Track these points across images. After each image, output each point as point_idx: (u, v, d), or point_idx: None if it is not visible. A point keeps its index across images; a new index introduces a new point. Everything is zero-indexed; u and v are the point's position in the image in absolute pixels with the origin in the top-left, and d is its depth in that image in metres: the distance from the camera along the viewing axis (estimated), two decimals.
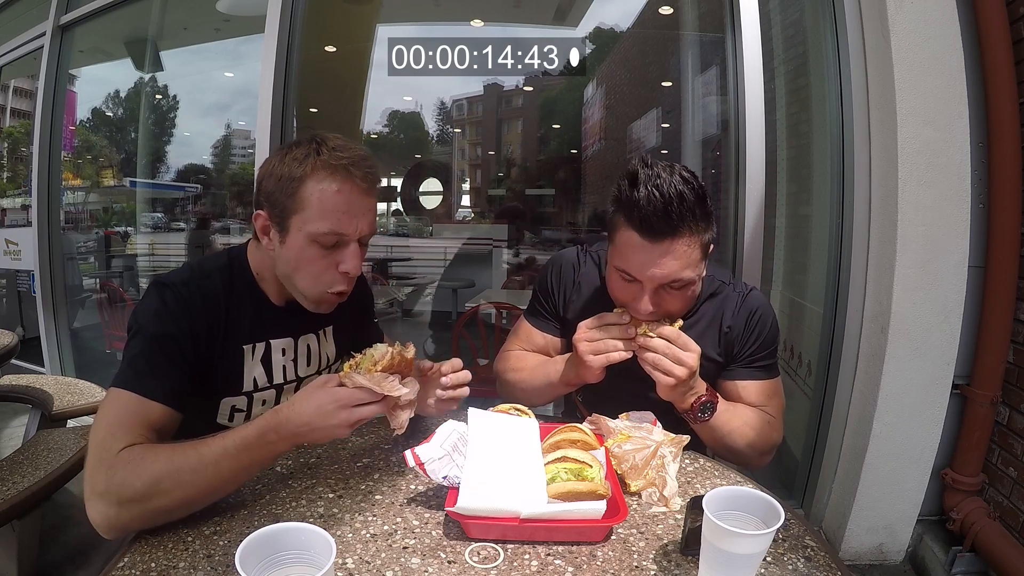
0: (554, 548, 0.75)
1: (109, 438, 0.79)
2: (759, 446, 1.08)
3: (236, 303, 0.97)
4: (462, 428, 0.91)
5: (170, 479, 0.75)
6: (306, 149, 0.90)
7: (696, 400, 1.03)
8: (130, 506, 0.74)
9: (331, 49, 4.18)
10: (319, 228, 0.90)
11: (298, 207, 0.90)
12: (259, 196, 0.94)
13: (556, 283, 1.25)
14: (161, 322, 0.88)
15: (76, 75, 3.62)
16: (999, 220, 1.79)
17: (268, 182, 0.92)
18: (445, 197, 5.95)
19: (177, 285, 0.92)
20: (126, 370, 0.85)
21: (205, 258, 1.02)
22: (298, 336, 1.07)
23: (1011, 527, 1.77)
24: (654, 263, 0.95)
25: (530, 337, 1.28)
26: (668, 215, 0.91)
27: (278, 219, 0.92)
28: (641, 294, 0.98)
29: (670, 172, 0.94)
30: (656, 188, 0.92)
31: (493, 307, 2.90)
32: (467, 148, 7.18)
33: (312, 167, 0.89)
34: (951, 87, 1.73)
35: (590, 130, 5.41)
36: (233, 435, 0.79)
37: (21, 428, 2.54)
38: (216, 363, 0.95)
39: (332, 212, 0.90)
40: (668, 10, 3.46)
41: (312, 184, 0.89)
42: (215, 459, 0.77)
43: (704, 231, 0.96)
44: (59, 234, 3.38)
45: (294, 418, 0.79)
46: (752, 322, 1.12)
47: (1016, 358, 1.81)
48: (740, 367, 1.14)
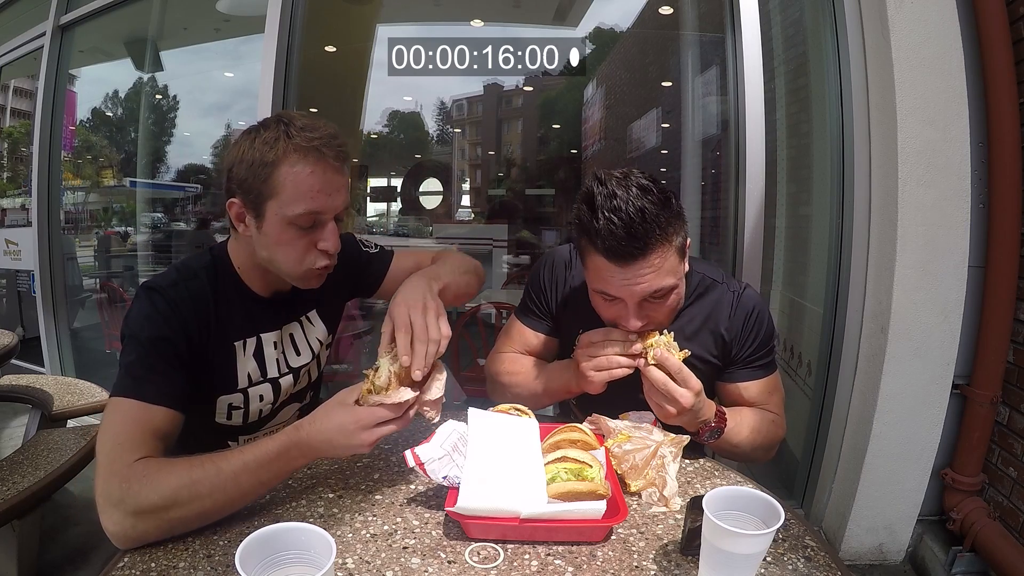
0: (554, 548, 0.75)
1: (118, 449, 0.78)
2: (764, 447, 1.08)
3: (224, 300, 0.97)
4: (462, 428, 0.91)
5: (188, 492, 0.75)
6: (275, 132, 0.89)
7: (703, 427, 1.01)
8: (147, 517, 0.74)
9: (331, 49, 4.17)
10: (296, 210, 0.89)
11: (273, 192, 0.89)
12: (231, 184, 0.93)
13: (548, 281, 1.23)
14: (154, 326, 0.88)
15: (76, 75, 3.62)
16: (999, 220, 1.79)
17: (239, 169, 0.91)
18: (445, 197, 5.95)
19: (166, 288, 0.91)
20: (124, 378, 0.85)
21: (189, 258, 1.01)
22: (282, 327, 1.07)
23: (1011, 527, 1.77)
24: (631, 282, 0.93)
25: (523, 337, 1.26)
26: (633, 237, 0.89)
27: (253, 205, 0.91)
28: (626, 311, 0.97)
29: (626, 187, 0.90)
30: (614, 212, 0.88)
31: (493, 307, 2.89)
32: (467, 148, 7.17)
33: (283, 150, 0.88)
34: (951, 87, 1.73)
35: (590, 130, 5.40)
36: (253, 450, 0.80)
37: (21, 428, 2.54)
38: (210, 362, 0.95)
39: (307, 193, 0.89)
40: (668, 10, 3.46)
41: (285, 168, 0.88)
42: (234, 474, 0.77)
43: (675, 235, 0.94)
44: (59, 234, 3.38)
45: (316, 435, 0.80)
46: (750, 324, 1.10)
47: (1016, 358, 1.81)
48: (740, 369, 1.13)
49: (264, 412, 1.07)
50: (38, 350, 3.32)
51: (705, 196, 3.09)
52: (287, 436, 0.81)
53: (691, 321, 1.13)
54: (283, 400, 1.10)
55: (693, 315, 1.13)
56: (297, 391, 1.13)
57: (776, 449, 1.12)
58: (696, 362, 1.12)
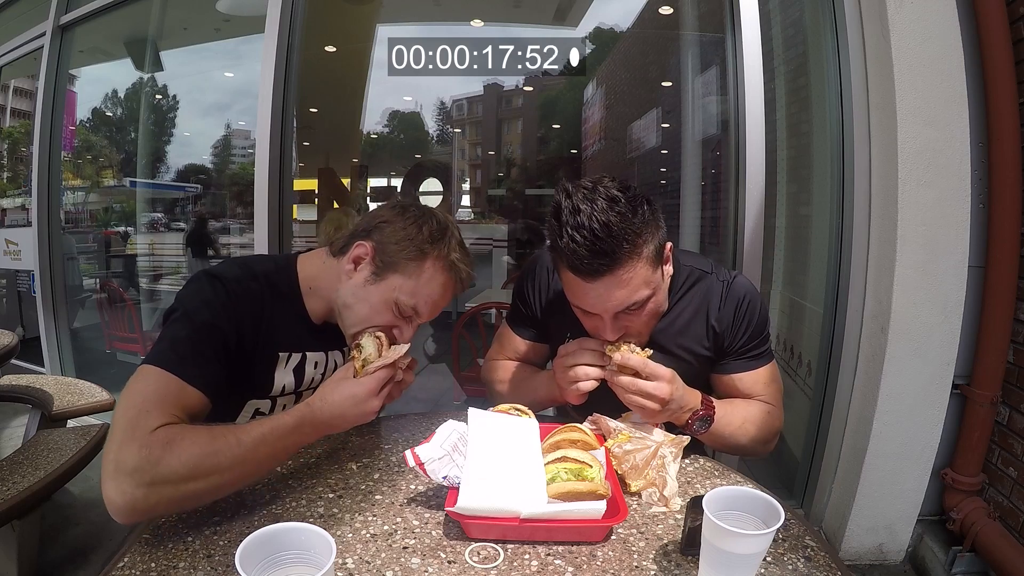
0: (554, 548, 0.75)
1: (143, 415, 0.75)
2: (761, 438, 1.07)
3: (278, 311, 0.99)
4: (462, 428, 0.91)
5: (209, 462, 0.75)
6: (442, 233, 1.00)
7: (691, 416, 1.00)
8: (161, 487, 0.72)
9: (331, 49, 4.18)
10: (408, 300, 0.97)
11: (406, 272, 0.97)
12: (372, 232, 1.00)
13: (532, 289, 1.23)
14: (211, 311, 0.88)
15: (76, 75, 3.62)
16: (999, 220, 1.79)
17: (391, 231, 0.99)
18: (445, 197, 5.95)
19: (229, 280, 0.92)
20: (166, 351, 0.83)
21: (253, 259, 1.04)
22: (329, 350, 1.10)
23: (1011, 527, 1.77)
24: (602, 297, 0.92)
25: (513, 344, 1.27)
26: (597, 254, 0.87)
27: (381, 264, 0.98)
28: (603, 324, 0.97)
29: (591, 200, 0.87)
30: (576, 230, 0.86)
31: (493, 307, 2.90)
32: (467, 148, 7.18)
33: (439, 254, 0.99)
34: (951, 87, 1.73)
35: (590, 130, 5.41)
36: (271, 423, 0.82)
37: (21, 428, 2.54)
38: (252, 364, 0.96)
39: (427, 296, 0.99)
40: (668, 10, 3.46)
41: (430, 265, 0.98)
42: (253, 445, 0.79)
43: (645, 244, 0.91)
44: (59, 234, 3.38)
45: (327, 409, 0.85)
46: (740, 312, 1.08)
47: (1016, 358, 1.81)
48: (733, 360, 1.11)
49: None
50: (38, 350, 3.32)
51: (705, 196, 3.09)
52: (300, 412, 0.84)
53: (681, 314, 1.12)
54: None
55: (683, 308, 1.12)
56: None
57: (775, 441, 1.10)
58: (688, 356, 1.12)
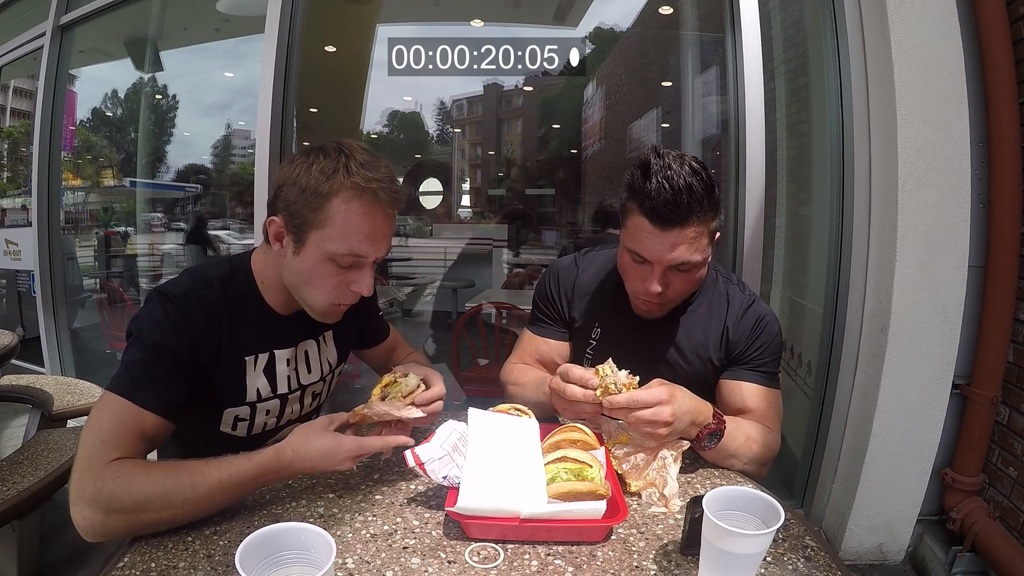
0: (554, 548, 0.75)
1: (99, 445, 0.78)
2: (761, 458, 1.06)
3: (238, 314, 0.96)
4: (462, 428, 0.91)
5: (160, 500, 0.75)
6: (334, 162, 0.87)
7: (703, 430, 0.98)
8: (116, 516, 0.75)
9: (331, 49, 4.18)
10: (339, 248, 0.88)
11: (320, 223, 0.87)
12: (276, 201, 0.91)
13: (556, 288, 1.27)
14: (161, 332, 0.86)
15: (76, 75, 3.62)
16: (999, 220, 1.79)
17: (289, 191, 0.88)
18: (445, 197, 5.95)
19: (178, 296, 0.89)
20: (122, 375, 0.84)
21: (206, 265, 0.99)
22: (298, 343, 1.06)
23: (1011, 527, 1.77)
24: (664, 248, 0.99)
25: (534, 346, 1.29)
26: (677, 205, 0.96)
27: (295, 230, 0.89)
28: (651, 275, 1.02)
29: (680, 163, 0.98)
30: (667, 180, 0.96)
31: (493, 307, 2.90)
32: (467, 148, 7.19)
33: (339, 185, 0.85)
34: (951, 87, 1.73)
35: (590, 130, 5.41)
36: (230, 468, 0.79)
37: (21, 428, 2.54)
38: (217, 375, 0.94)
39: (355, 234, 0.87)
40: (668, 10, 3.46)
41: (338, 203, 0.86)
42: (208, 490, 0.78)
43: (712, 219, 1.01)
44: (59, 234, 3.38)
45: (298, 462, 0.83)
46: (759, 327, 1.12)
47: (1016, 358, 1.81)
48: (742, 368, 1.13)
49: (268, 426, 1.06)
50: (38, 350, 3.33)
51: None
52: (266, 460, 0.81)
53: (697, 309, 1.16)
54: (289, 418, 1.09)
55: (700, 303, 1.16)
56: (305, 414, 1.12)
57: (768, 466, 1.10)
58: (695, 359, 1.14)
